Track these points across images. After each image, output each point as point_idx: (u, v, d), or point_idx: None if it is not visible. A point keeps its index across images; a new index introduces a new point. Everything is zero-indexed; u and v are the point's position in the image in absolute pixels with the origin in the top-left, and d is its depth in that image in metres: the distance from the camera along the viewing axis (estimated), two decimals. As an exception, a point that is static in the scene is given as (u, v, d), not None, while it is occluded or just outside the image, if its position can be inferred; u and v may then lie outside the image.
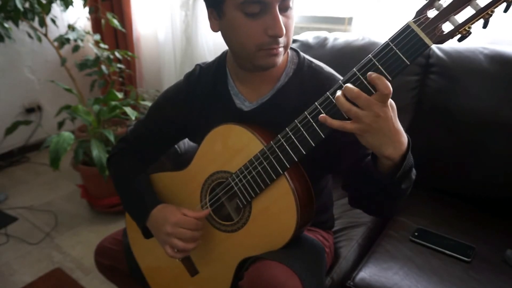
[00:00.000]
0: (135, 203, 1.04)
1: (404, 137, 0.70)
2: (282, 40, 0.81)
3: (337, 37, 1.68)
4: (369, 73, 0.66)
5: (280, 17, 0.78)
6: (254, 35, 0.79)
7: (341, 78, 0.90)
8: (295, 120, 0.78)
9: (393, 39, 0.65)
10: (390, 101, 0.66)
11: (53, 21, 2.31)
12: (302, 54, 0.95)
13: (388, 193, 0.77)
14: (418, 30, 0.63)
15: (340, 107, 0.67)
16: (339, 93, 0.68)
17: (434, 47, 1.47)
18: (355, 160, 0.85)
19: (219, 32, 0.89)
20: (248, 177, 0.85)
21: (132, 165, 1.11)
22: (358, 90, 0.65)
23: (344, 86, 0.67)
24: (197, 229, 0.93)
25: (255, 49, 0.81)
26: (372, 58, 0.67)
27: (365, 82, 0.67)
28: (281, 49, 0.83)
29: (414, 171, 0.76)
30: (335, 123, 0.69)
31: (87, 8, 2.43)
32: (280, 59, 0.85)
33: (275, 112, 0.92)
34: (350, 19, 1.99)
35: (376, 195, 0.79)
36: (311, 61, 0.95)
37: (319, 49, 1.66)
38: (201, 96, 1.01)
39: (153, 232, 0.99)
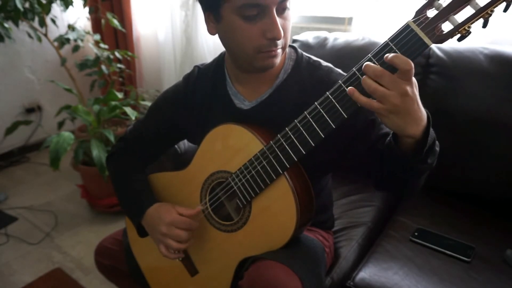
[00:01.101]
0: (132, 200, 1.05)
1: (424, 113, 0.69)
2: (280, 42, 0.81)
3: (337, 37, 1.68)
4: (386, 55, 0.64)
5: (278, 19, 0.78)
6: (253, 38, 0.79)
7: (340, 71, 0.91)
8: (295, 120, 0.78)
9: (393, 38, 0.65)
10: (413, 78, 0.64)
11: (53, 21, 2.31)
12: (300, 50, 0.95)
13: (415, 170, 0.76)
14: (417, 30, 0.63)
15: (366, 87, 0.64)
16: (365, 75, 0.65)
17: (434, 47, 1.47)
18: (372, 145, 0.85)
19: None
20: (248, 176, 0.85)
21: (131, 164, 1.11)
22: (382, 68, 0.63)
23: (364, 65, 0.65)
24: (191, 229, 0.93)
25: (253, 51, 0.81)
26: (372, 57, 0.67)
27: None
28: (279, 51, 0.83)
29: (437, 142, 0.75)
30: (362, 99, 0.66)
31: (87, 8, 2.43)
32: (279, 60, 0.85)
33: (275, 109, 0.92)
34: (350, 19, 1.99)
35: (403, 175, 0.78)
36: (309, 57, 0.95)
37: (319, 49, 1.67)
38: (200, 97, 1.01)
39: (148, 230, 1.00)
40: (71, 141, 1.92)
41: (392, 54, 0.63)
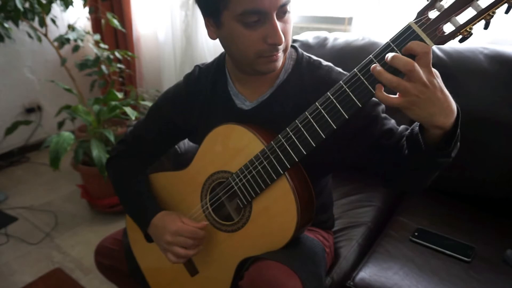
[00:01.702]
0: (136, 209, 1.05)
1: (453, 103, 0.67)
2: (281, 46, 0.81)
3: (337, 37, 1.68)
4: (405, 47, 0.63)
5: (278, 24, 0.77)
6: (253, 44, 0.79)
7: (340, 70, 0.91)
8: (296, 120, 0.78)
9: (394, 39, 0.65)
10: (434, 70, 0.64)
11: (53, 21, 2.31)
12: (300, 50, 0.95)
13: (435, 165, 0.75)
14: (419, 31, 0.63)
15: (387, 83, 0.63)
16: (379, 67, 0.64)
17: (434, 47, 1.47)
18: (375, 142, 0.85)
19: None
20: (249, 177, 0.85)
21: (132, 168, 1.11)
22: (412, 60, 0.61)
23: (392, 56, 0.63)
24: (196, 237, 0.93)
25: (254, 56, 0.81)
26: (373, 58, 0.67)
27: (366, 83, 0.68)
28: (280, 54, 0.83)
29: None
30: (382, 95, 0.65)
31: (87, 8, 2.43)
32: (280, 63, 0.85)
33: (276, 109, 0.92)
34: (350, 19, 2.00)
35: (419, 170, 0.77)
36: (309, 57, 0.95)
37: (319, 49, 1.67)
38: (201, 97, 1.01)
39: (154, 239, 1.00)
40: (71, 141, 1.92)
41: (410, 42, 0.62)
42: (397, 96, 0.65)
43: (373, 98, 0.87)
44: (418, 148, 0.73)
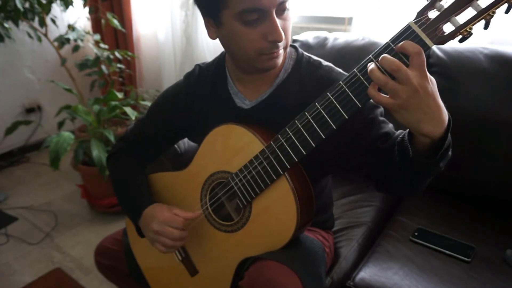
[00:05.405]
0: (130, 201, 1.05)
1: (445, 114, 0.66)
2: (281, 43, 0.81)
3: (337, 37, 1.68)
4: (398, 46, 0.63)
5: (278, 21, 0.78)
6: (254, 42, 0.79)
7: (340, 71, 0.91)
8: (295, 120, 0.78)
9: (394, 39, 0.65)
10: (430, 76, 0.63)
11: (53, 21, 2.31)
12: (300, 50, 0.95)
13: (425, 172, 0.74)
14: (419, 31, 0.63)
15: (375, 80, 0.63)
16: (372, 65, 0.64)
17: (434, 47, 1.47)
18: (371, 144, 0.85)
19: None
20: (248, 177, 0.85)
21: (130, 165, 1.11)
22: (399, 61, 0.61)
23: (381, 57, 0.63)
24: (185, 228, 0.93)
25: (255, 54, 0.81)
26: (373, 58, 0.67)
27: (366, 83, 0.68)
28: (281, 51, 0.83)
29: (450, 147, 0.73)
30: (373, 92, 0.65)
31: (87, 8, 2.43)
32: (280, 60, 0.85)
33: (275, 109, 0.92)
34: (350, 19, 2.00)
35: (411, 176, 0.76)
36: (309, 57, 0.95)
37: (319, 49, 1.67)
38: (201, 96, 1.01)
39: (143, 230, 1.00)
40: (71, 141, 1.93)
41: (401, 42, 0.62)
42: (388, 96, 0.64)
43: (372, 101, 0.87)
44: (406, 154, 0.73)
